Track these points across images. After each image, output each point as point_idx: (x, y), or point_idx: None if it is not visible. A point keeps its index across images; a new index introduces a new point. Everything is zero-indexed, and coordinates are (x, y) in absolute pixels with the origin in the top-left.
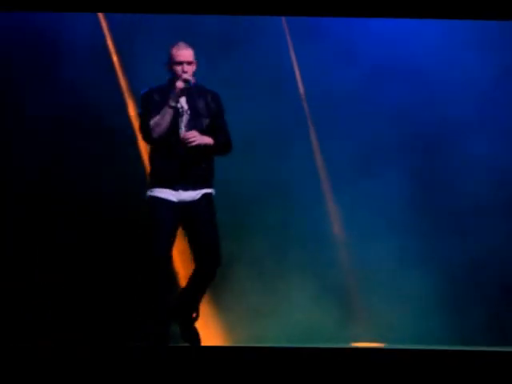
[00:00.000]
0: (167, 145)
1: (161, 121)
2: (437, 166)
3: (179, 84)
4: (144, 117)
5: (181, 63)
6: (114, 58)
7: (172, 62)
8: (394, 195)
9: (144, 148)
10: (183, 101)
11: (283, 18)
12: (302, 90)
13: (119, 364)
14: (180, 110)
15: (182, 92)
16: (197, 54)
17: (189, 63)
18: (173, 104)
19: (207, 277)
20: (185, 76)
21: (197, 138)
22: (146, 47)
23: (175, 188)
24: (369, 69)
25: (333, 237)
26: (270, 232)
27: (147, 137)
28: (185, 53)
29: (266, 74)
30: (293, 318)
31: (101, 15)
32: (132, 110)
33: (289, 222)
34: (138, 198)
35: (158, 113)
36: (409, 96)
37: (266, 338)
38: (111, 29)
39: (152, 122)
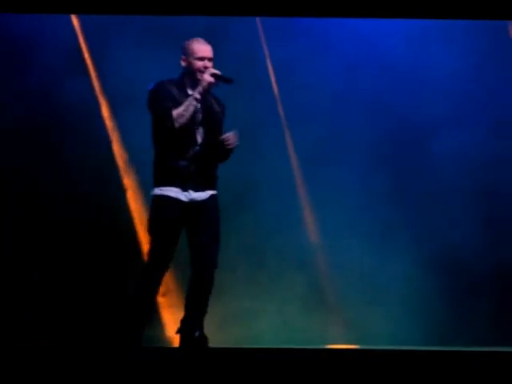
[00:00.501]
0: (180, 143)
1: (184, 112)
2: (414, 163)
3: (208, 77)
4: (164, 107)
5: (203, 58)
6: (87, 60)
7: (193, 57)
8: (371, 194)
9: (118, 149)
10: None
11: (257, 18)
12: (276, 89)
13: (118, 364)
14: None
15: (210, 86)
16: (171, 55)
17: (210, 59)
18: (198, 96)
19: (205, 280)
20: (215, 70)
21: (236, 142)
22: (119, 48)
23: (185, 188)
24: (344, 67)
25: (308, 237)
26: (246, 233)
27: (169, 127)
28: (207, 48)
29: (240, 73)
30: (270, 321)
31: (73, 17)
32: (105, 111)
33: (264, 222)
34: (113, 198)
35: (175, 104)
36: (385, 93)
37: (246, 339)
38: (84, 30)
39: (175, 113)
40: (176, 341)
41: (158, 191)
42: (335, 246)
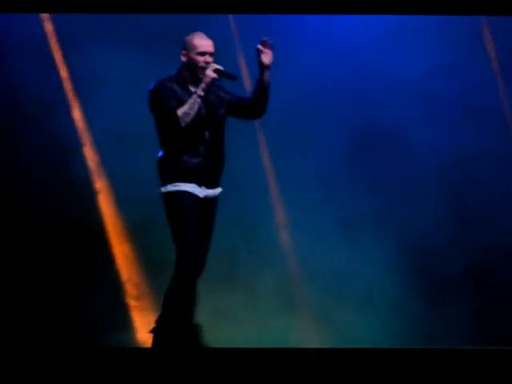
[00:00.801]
0: (189, 140)
1: (190, 110)
2: (386, 162)
3: (211, 73)
4: (168, 107)
5: (204, 53)
6: (58, 60)
7: (194, 52)
8: (343, 193)
9: (89, 151)
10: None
11: (231, 16)
12: (248, 86)
13: (118, 365)
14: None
15: (213, 81)
16: (144, 55)
17: (211, 54)
18: (202, 93)
19: (189, 282)
20: (217, 66)
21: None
22: (91, 49)
23: (200, 184)
24: (317, 64)
25: (280, 237)
26: (216, 233)
27: (175, 126)
28: (208, 43)
29: None
30: (241, 322)
31: (45, 16)
32: (77, 113)
33: (235, 222)
34: (84, 201)
35: (178, 102)
36: (358, 91)
37: (217, 340)
38: (56, 29)
39: (180, 112)
40: (148, 343)
41: (171, 187)
42: (306, 246)
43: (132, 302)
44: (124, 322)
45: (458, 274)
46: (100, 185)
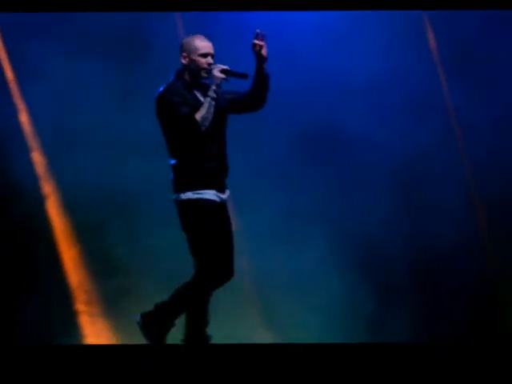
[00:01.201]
0: (204, 144)
1: (207, 114)
2: (337, 161)
3: (219, 75)
4: (184, 113)
5: (206, 55)
6: (5, 62)
7: (195, 54)
8: (291, 201)
9: (37, 156)
10: (199, 95)
11: (176, 14)
12: None
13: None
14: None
15: (221, 82)
16: (88, 54)
17: (212, 56)
18: (214, 95)
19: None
20: (224, 66)
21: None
22: (39, 51)
23: (218, 189)
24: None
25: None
26: (171, 235)
27: (195, 131)
28: (209, 44)
29: (164, 69)
30: None
31: None
32: (24, 116)
33: None
34: (32, 206)
35: (190, 107)
36: (302, 90)
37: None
38: (1, 30)
39: (198, 117)
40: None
41: (192, 195)
42: (256, 247)
43: (81, 308)
44: (73, 328)
45: (406, 273)
46: (48, 188)
